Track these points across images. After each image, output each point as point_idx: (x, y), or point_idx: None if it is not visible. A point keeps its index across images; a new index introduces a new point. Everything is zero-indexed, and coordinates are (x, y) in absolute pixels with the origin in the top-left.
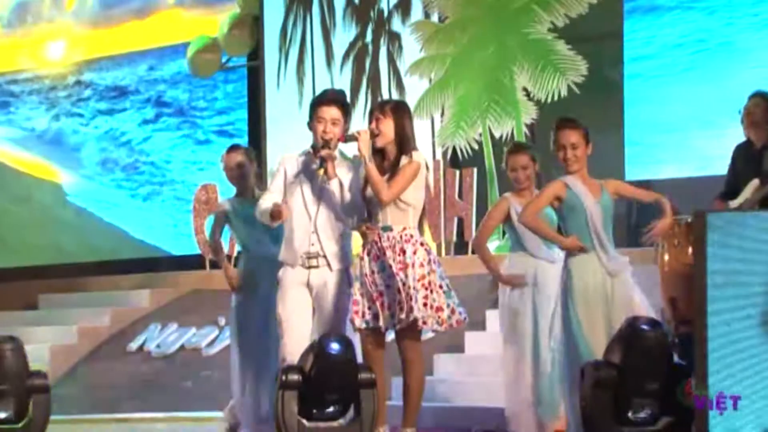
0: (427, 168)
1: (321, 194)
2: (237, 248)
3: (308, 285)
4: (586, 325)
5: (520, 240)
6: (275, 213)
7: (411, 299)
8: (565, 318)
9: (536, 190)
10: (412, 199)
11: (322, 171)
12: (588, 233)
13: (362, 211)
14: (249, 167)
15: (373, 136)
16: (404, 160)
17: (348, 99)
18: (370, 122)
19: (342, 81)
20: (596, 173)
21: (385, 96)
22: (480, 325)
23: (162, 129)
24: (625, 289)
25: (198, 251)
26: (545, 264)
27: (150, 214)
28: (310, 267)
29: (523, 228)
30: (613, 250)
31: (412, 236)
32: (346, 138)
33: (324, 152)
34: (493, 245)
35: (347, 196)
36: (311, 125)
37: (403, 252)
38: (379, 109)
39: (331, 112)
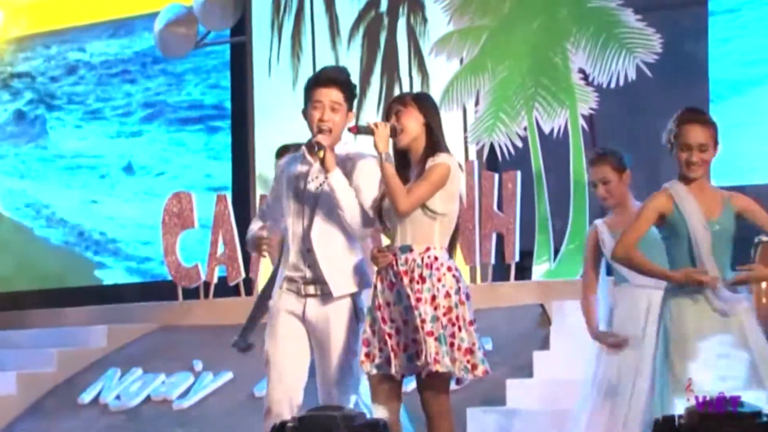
0: (461, 168)
1: (318, 199)
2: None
3: (304, 318)
4: (680, 384)
5: (620, 270)
6: (257, 245)
7: (435, 340)
8: (661, 372)
9: (636, 204)
10: (441, 208)
11: (321, 153)
12: (689, 265)
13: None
14: None
15: (395, 133)
16: (429, 163)
17: (355, 81)
18: (387, 118)
19: (350, 61)
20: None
21: (404, 81)
22: (526, 370)
23: (123, 121)
24: (746, 333)
25: (168, 277)
26: (658, 293)
27: (107, 230)
28: (306, 295)
29: None
30: (727, 288)
31: (437, 258)
32: (359, 129)
33: (320, 137)
34: (542, 268)
35: (361, 196)
36: (306, 112)
37: (423, 279)
38: (398, 100)
39: (331, 95)
